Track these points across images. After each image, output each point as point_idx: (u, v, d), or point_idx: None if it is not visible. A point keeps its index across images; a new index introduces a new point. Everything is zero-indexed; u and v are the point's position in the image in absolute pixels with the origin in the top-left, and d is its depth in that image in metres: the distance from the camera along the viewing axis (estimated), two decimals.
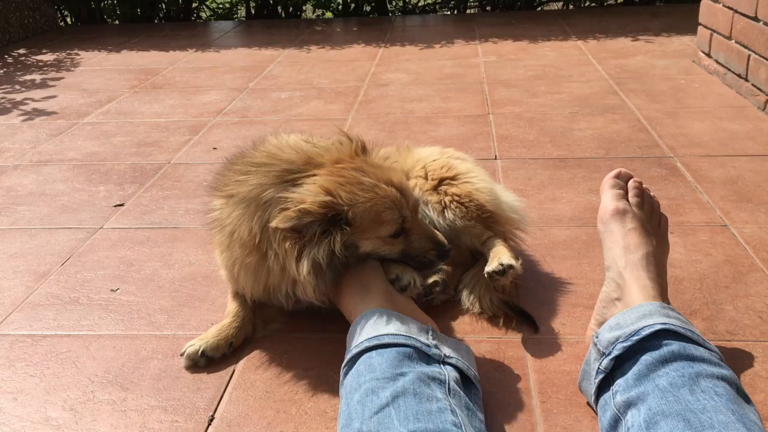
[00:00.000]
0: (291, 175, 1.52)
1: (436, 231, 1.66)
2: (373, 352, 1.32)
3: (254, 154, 1.62)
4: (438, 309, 1.75)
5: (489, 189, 1.88)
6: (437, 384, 1.27)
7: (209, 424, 1.42)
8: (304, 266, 1.48)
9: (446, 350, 1.38)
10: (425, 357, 1.33)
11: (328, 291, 1.55)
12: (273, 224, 1.46)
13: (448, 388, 1.27)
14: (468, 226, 1.82)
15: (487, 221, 1.83)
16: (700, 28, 3.91)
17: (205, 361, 1.60)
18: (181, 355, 1.61)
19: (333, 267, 1.52)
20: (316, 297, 1.55)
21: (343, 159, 1.56)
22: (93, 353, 1.67)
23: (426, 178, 1.88)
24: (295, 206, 1.44)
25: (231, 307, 1.72)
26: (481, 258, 1.82)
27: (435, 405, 1.20)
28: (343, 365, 1.37)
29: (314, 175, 1.52)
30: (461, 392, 1.29)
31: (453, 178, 1.87)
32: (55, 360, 1.65)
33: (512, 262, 1.69)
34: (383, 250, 1.58)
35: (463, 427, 1.17)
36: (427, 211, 1.83)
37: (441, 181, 1.87)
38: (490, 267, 1.69)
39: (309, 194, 1.47)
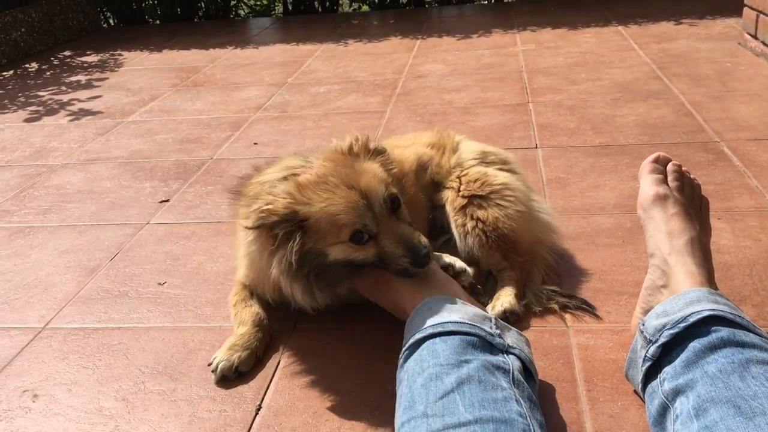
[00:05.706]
0: (292, 171, 1.51)
1: (413, 233, 1.50)
2: (437, 339, 1.31)
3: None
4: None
5: (519, 213, 1.79)
6: (502, 373, 1.26)
7: (257, 413, 1.45)
8: (275, 269, 1.49)
9: (509, 340, 1.37)
10: (489, 346, 1.32)
11: (325, 297, 1.55)
12: (244, 224, 1.45)
13: (512, 378, 1.26)
14: (486, 255, 1.77)
15: (508, 252, 1.76)
16: (745, 9, 3.80)
17: (237, 376, 1.56)
18: (213, 371, 1.55)
19: (325, 274, 1.50)
20: (308, 304, 1.55)
21: (332, 157, 1.53)
22: (143, 345, 1.71)
23: (458, 191, 1.82)
24: (264, 205, 1.44)
25: (249, 313, 1.68)
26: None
27: (500, 394, 1.19)
28: (403, 350, 1.36)
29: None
30: (525, 383, 1.28)
31: (484, 198, 1.79)
32: (106, 352, 1.70)
33: (513, 307, 1.64)
34: (355, 257, 1.49)
35: (527, 418, 1.16)
36: (453, 230, 1.80)
37: (471, 199, 1.79)
38: (492, 311, 1.63)
39: (281, 193, 1.45)
